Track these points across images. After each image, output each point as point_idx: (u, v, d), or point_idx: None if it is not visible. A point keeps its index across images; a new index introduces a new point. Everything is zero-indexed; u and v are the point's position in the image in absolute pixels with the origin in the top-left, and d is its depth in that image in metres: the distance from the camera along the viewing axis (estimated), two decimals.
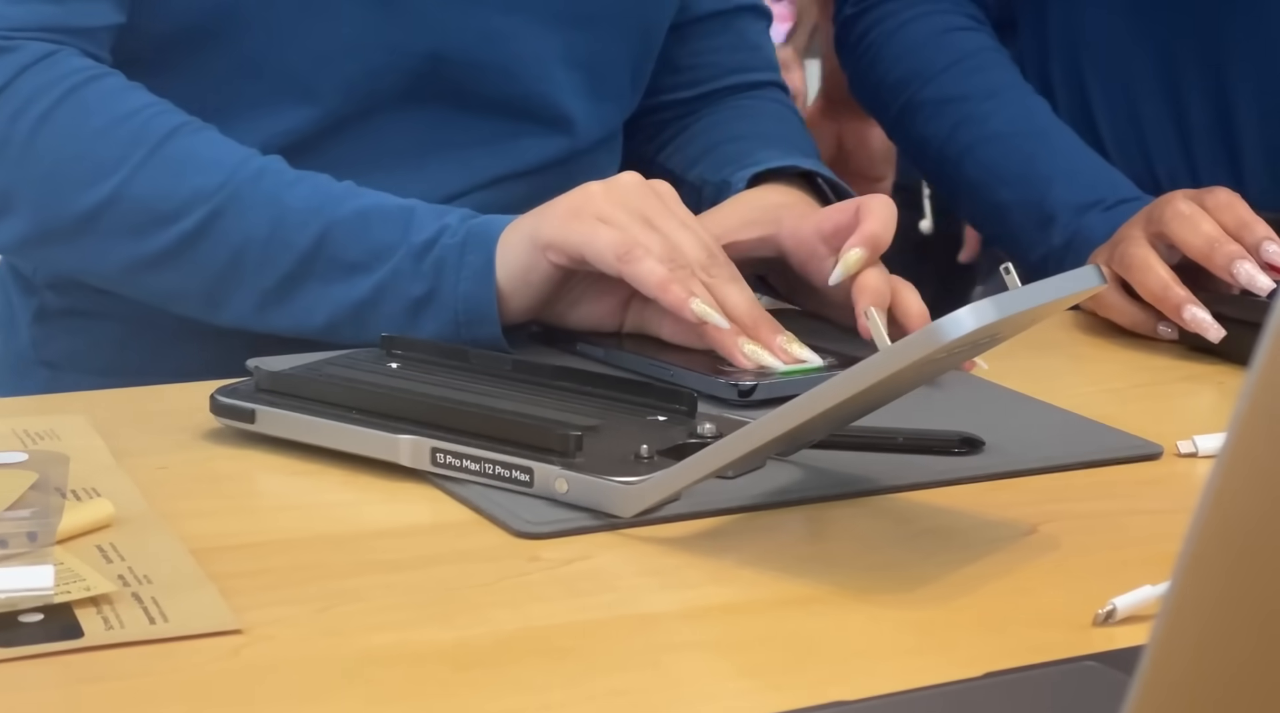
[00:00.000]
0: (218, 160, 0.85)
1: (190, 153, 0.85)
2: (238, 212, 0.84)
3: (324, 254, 0.84)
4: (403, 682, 0.53)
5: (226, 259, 0.84)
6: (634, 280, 0.80)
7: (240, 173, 0.84)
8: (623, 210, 0.82)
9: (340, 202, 0.85)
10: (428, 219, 0.85)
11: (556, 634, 0.57)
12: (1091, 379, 0.91)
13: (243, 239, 0.84)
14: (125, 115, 0.85)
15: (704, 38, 1.10)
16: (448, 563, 0.63)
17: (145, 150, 0.84)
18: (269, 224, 0.84)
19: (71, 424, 0.75)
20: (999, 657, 0.55)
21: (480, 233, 0.84)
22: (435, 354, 0.80)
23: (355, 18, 0.92)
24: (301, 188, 0.85)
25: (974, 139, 1.13)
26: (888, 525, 0.68)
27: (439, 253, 0.84)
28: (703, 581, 0.62)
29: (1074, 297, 0.67)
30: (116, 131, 0.85)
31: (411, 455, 0.70)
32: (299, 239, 0.84)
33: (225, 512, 0.68)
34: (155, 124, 0.85)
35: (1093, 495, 0.72)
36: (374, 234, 0.84)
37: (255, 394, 0.74)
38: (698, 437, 0.71)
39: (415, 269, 0.84)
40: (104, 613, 0.56)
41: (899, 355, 0.59)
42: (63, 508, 0.62)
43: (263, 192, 0.84)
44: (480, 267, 0.83)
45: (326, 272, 0.84)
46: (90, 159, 0.85)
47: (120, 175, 0.84)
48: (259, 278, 0.85)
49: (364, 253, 0.84)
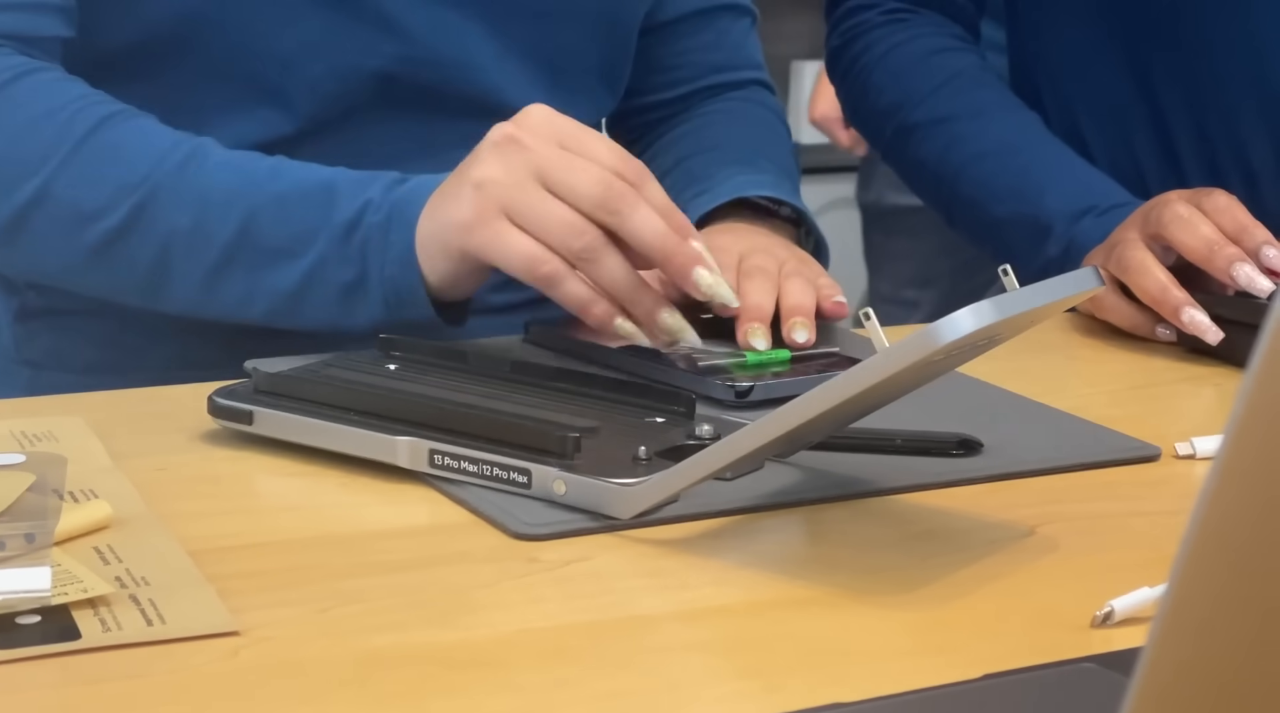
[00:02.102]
0: (142, 151, 0.83)
1: (114, 146, 0.83)
2: (160, 204, 0.82)
3: (248, 242, 0.82)
4: (401, 683, 0.53)
5: (155, 253, 0.83)
6: (559, 301, 0.79)
7: (164, 163, 0.83)
8: (521, 188, 0.78)
9: (261, 185, 0.83)
10: (350, 195, 0.83)
11: (554, 636, 0.57)
12: (1090, 381, 0.91)
13: (168, 232, 0.83)
14: (52, 110, 0.84)
15: (684, 37, 1.10)
16: (446, 564, 0.63)
17: (70, 146, 0.83)
18: (191, 214, 0.82)
19: (69, 426, 0.75)
20: (997, 658, 0.55)
21: (402, 210, 0.82)
22: (433, 355, 0.80)
23: (317, 21, 0.92)
24: (223, 173, 0.83)
25: (966, 158, 1.14)
26: (886, 527, 0.68)
27: (364, 233, 0.82)
28: (701, 582, 0.62)
29: (1072, 298, 0.67)
30: (42, 127, 0.83)
31: (409, 457, 0.70)
32: (221, 229, 0.82)
33: (223, 513, 0.68)
34: (81, 117, 0.84)
35: (1091, 497, 0.72)
36: (295, 218, 0.82)
37: (253, 396, 0.74)
38: (696, 438, 0.71)
39: (341, 253, 0.82)
40: (101, 615, 0.56)
41: (897, 357, 0.59)
42: (60, 510, 0.62)
43: (185, 181, 0.83)
44: (403, 248, 0.81)
45: (253, 260, 0.82)
46: (16, 157, 0.84)
47: (45, 173, 0.83)
48: (189, 270, 0.83)
49: (287, 238, 0.82)
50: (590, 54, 1.02)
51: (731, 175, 0.99)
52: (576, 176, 0.78)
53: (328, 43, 0.93)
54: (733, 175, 0.99)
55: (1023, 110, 1.16)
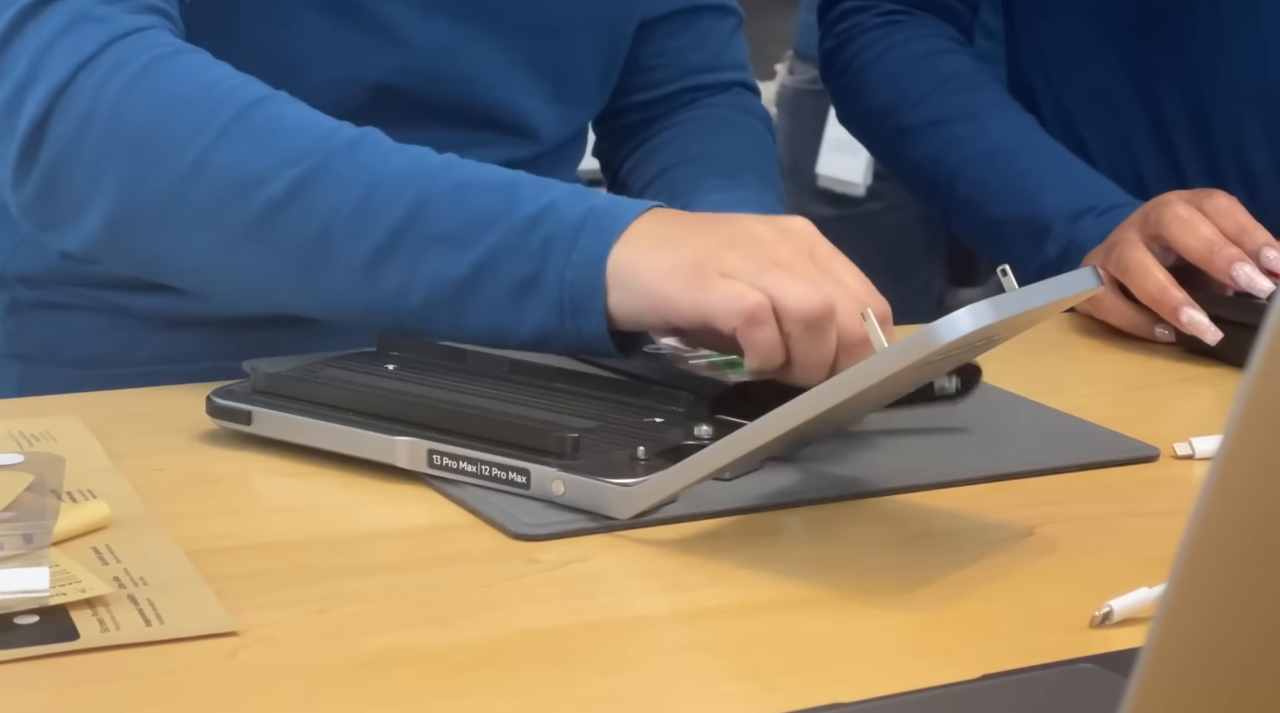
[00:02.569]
0: (308, 126, 0.79)
1: (279, 118, 0.79)
2: (327, 178, 0.77)
3: (416, 227, 0.77)
4: (399, 684, 0.53)
5: (316, 231, 0.78)
6: (748, 344, 0.72)
7: (332, 139, 0.79)
8: (750, 270, 0.73)
9: (438, 172, 0.78)
10: (534, 191, 0.77)
11: (553, 636, 0.57)
12: (1089, 381, 0.91)
13: (331, 208, 0.77)
14: (210, 83, 0.80)
15: (667, 37, 1.10)
16: (444, 565, 0.63)
17: (230, 115, 0.78)
18: (360, 193, 0.77)
19: (68, 426, 0.75)
20: (996, 659, 0.55)
21: (599, 219, 0.76)
22: (432, 355, 0.80)
23: (320, 29, 0.91)
24: (398, 157, 0.79)
25: (962, 159, 1.14)
26: (885, 527, 0.68)
27: (549, 231, 0.76)
28: (700, 582, 0.62)
29: (1071, 298, 0.67)
30: (201, 99, 0.79)
31: (408, 457, 0.70)
32: (390, 210, 0.77)
33: (222, 514, 0.67)
34: (242, 92, 0.80)
35: (1090, 498, 0.72)
36: (472, 205, 0.77)
37: (252, 396, 0.74)
38: (695, 439, 0.71)
39: (520, 246, 0.76)
40: (100, 615, 0.56)
41: (896, 358, 0.59)
42: (59, 510, 0.62)
43: (355, 159, 0.78)
44: (594, 254, 0.75)
45: (420, 246, 0.77)
46: (173, 128, 0.79)
47: (204, 141, 0.78)
48: (351, 251, 0.78)
49: (461, 225, 0.77)
50: (592, 64, 1.02)
51: (711, 191, 0.99)
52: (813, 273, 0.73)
53: (330, 51, 0.92)
54: (712, 191, 0.99)
55: (1019, 111, 1.16)
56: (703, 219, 0.77)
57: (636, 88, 1.10)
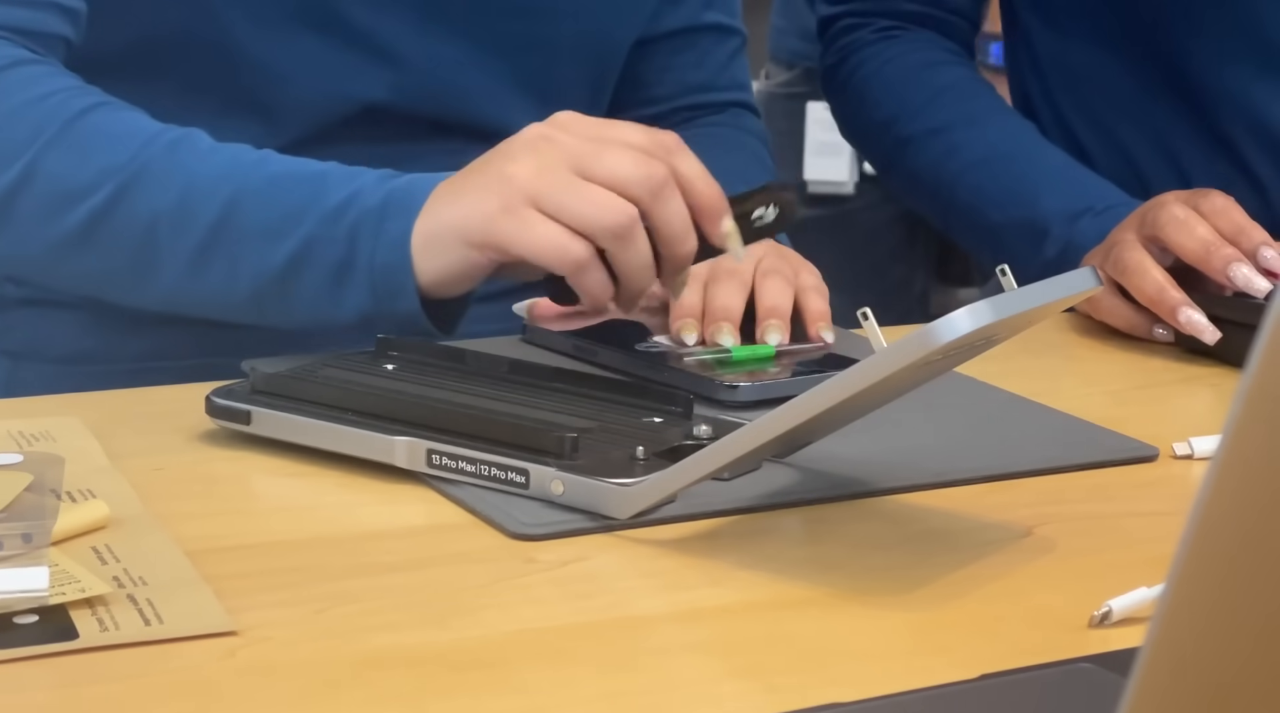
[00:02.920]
0: (129, 134, 0.83)
1: (102, 129, 0.83)
2: (146, 184, 0.81)
3: (234, 222, 0.81)
4: (398, 684, 0.53)
5: (140, 234, 0.82)
6: (580, 287, 0.78)
7: (152, 146, 0.82)
8: (554, 176, 0.77)
9: (252, 168, 0.82)
10: (341, 181, 0.81)
11: (552, 636, 0.57)
12: (1088, 381, 0.91)
13: (152, 212, 0.81)
14: (41, 97, 0.83)
15: (668, 55, 1.10)
16: (443, 565, 0.63)
17: (56, 128, 0.82)
18: (178, 195, 0.81)
19: (67, 426, 0.75)
20: (995, 658, 0.55)
21: (401, 199, 0.80)
22: (431, 356, 0.80)
23: (311, 46, 0.92)
24: (215, 157, 0.82)
25: (961, 166, 1.14)
26: (884, 527, 0.68)
27: (355, 216, 0.80)
28: (698, 582, 0.62)
29: (1070, 299, 0.67)
30: (29, 112, 0.83)
31: (407, 457, 0.70)
32: (207, 208, 0.81)
33: (221, 513, 0.67)
34: (71, 103, 0.83)
35: (1089, 497, 0.72)
36: (284, 198, 0.81)
37: (250, 396, 0.74)
38: (693, 438, 0.71)
39: (329, 233, 0.80)
40: (99, 615, 0.56)
41: (895, 358, 0.59)
42: (58, 509, 0.62)
43: (174, 163, 0.82)
44: (398, 235, 0.79)
45: (239, 239, 0.81)
46: (2, 140, 0.83)
47: (31, 153, 0.82)
48: (175, 250, 0.82)
49: (275, 218, 0.81)
50: (582, 81, 1.04)
51: None
52: (613, 158, 0.77)
53: (320, 68, 0.93)
54: None
55: (1017, 117, 1.16)
56: (486, 155, 0.80)
57: (634, 103, 1.10)
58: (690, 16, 1.10)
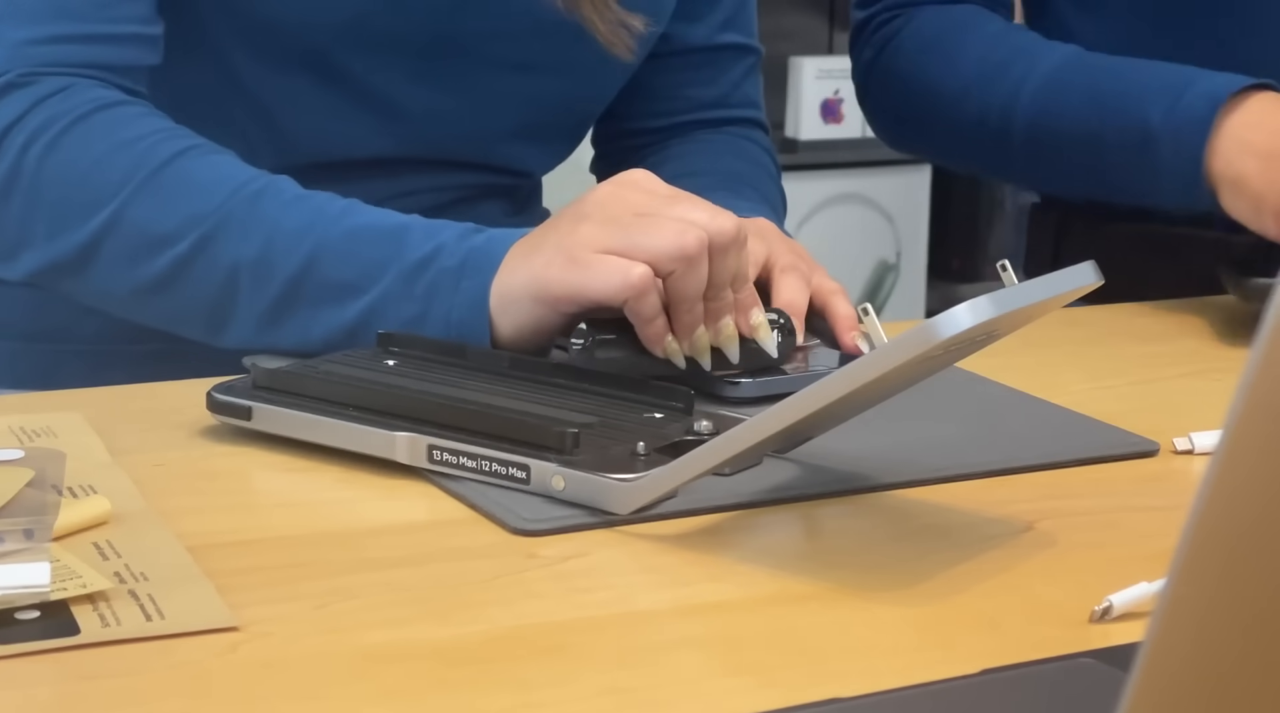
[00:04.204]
0: (216, 183, 0.84)
1: (189, 176, 0.84)
2: (229, 235, 0.82)
3: (313, 276, 0.82)
4: (399, 679, 0.53)
5: (220, 283, 0.83)
6: (632, 314, 0.78)
7: (237, 195, 0.83)
8: (619, 222, 0.78)
9: (334, 221, 0.83)
10: (422, 237, 0.82)
11: (553, 632, 0.57)
12: (1089, 376, 0.91)
13: (233, 262, 0.82)
14: (128, 141, 0.85)
15: (684, 70, 1.10)
16: (444, 560, 0.63)
17: (144, 175, 0.84)
18: (259, 246, 0.82)
19: (68, 421, 0.75)
20: (996, 654, 0.55)
21: (479, 260, 0.81)
22: (432, 351, 0.80)
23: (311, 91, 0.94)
24: (298, 208, 0.83)
25: (1034, 92, 1.08)
26: (884, 523, 0.68)
27: (433, 276, 0.81)
28: (699, 578, 0.62)
29: (1071, 293, 0.67)
30: (117, 158, 0.84)
31: (408, 453, 0.70)
32: (288, 261, 0.82)
33: (222, 509, 0.68)
34: (158, 149, 0.84)
35: (1090, 492, 0.72)
36: (364, 254, 0.82)
37: (252, 391, 0.74)
38: (694, 434, 0.71)
39: (406, 291, 0.81)
40: (100, 610, 0.56)
41: (896, 353, 0.59)
42: (59, 505, 0.62)
43: (257, 214, 0.83)
44: (476, 294, 0.80)
45: (317, 294, 0.82)
46: (90, 187, 0.84)
47: (119, 200, 0.83)
48: (253, 301, 0.83)
49: (354, 274, 0.82)
50: (580, 117, 1.06)
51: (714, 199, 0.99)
52: (685, 205, 0.78)
53: (320, 113, 0.95)
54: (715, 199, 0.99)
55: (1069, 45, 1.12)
56: (557, 214, 0.81)
57: (643, 114, 1.10)
58: (708, 36, 1.09)
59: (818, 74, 2.80)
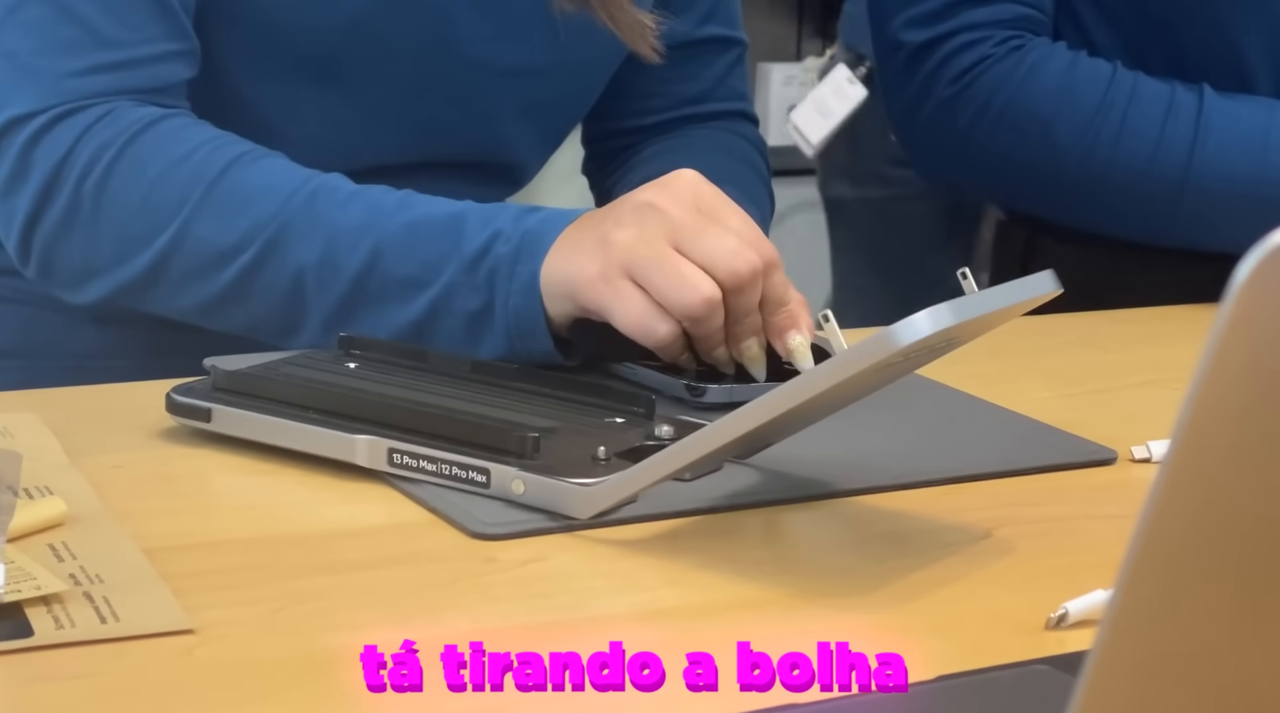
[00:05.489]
0: (271, 190, 0.84)
1: (244, 186, 0.85)
2: (291, 240, 0.83)
3: (377, 273, 0.83)
4: (356, 683, 0.53)
5: (287, 288, 0.84)
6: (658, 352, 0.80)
7: (293, 200, 0.84)
8: (650, 248, 0.78)
9: (389, 217, 0.83)
10: (479, 225, 0.83)
11: (511, 636, 0.57)
12: (1047, 385, 0.91)
13: (298, 267, 0.83)
14: (180, 158, 0.85)
15: (667, 66, 1.10)
16: (403, 564, 0.63)
17: (201, 191, 0.84)
18: (321, 249, 0.83)
19: (25, 422, 0.75)
20: (952, 660, 0.56)
21: (530, 243, 0.81)
22: (393, 355, 0.80)
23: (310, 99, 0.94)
24: (353, 206, 0.84)
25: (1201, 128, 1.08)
26: (844, 529, 0.68)
27: (492, 263, 0.81)
28: (658, 583, 0.62)
29: (1030, 302, 0.67)
30: (173, 176, 0.85)
31: (368, 456, 0.70)
32: (351, 261, 0.83)
33: (180, 511, 0.67)
34: (212, 160, 0.85)
35: (1048, 500, 0.73)
36: (424, 248, 0.83)
37: (211, 393, 0.74)
38: (655, 439, 0.71)
39: (469, 281, 0.82)
40: (54, 612, 0.55)
41: (855, 359, 0.60)
42: (14, 506, 0.62)
43: (314, 216, 0.84)
44: (529, 279, 0.81)
45: (382, 291, 0.83)
46: (150, 210, 0.85)
47: (181, 218, 0.84)
48: (321, 303, 0.84)
49: (417, 268, 0.82)
50: (570, 102, 1.06)
51: None
52: (712, 241, 0.78)
53: (330, 134, 0.95)
54: None
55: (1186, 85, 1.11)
56: (604, 209, 0.82)
57: (631, 113, 1.10)
58: (689, 30, 1.09)
59: (785, 80, 2.81)
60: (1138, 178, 1.10)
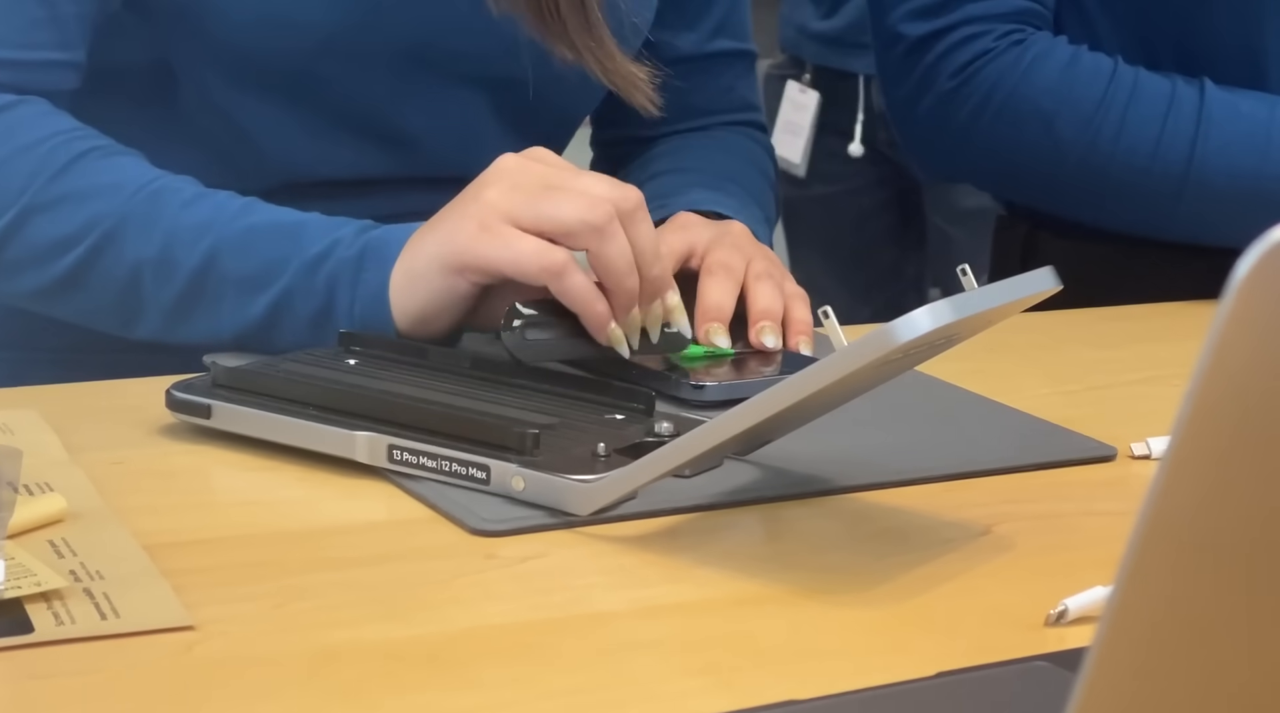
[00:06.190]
0: (117, 185, 0.84)
1: (90, 178, 0.85)
2: (130, 234, 0.83)
3: (215, 272, 0.83)
4: (356, 679, 0.53)
5: (124, 281, 0.84)
6: (561, 295, 0.78)
7: (138, 195, 0.84)
8: (528, 192, 0.79)
9: (232, 219, 0.84)
10: (320, 232, 0.83)
11: (511, 632, 0.57)
12: (1047, 381, 0.92)
13: (135, 260, 0.83)
14: (33, 143, 0.85)
15: (676, 79, 1.10)
16: (403, 560, 0.63)
17: (47, 177, 0.84)
18: (159, 244, 0.83)
19: (25, 418, 0.75)
20: (951, 657, 0.56)
21: (377, 249, 0.82)
22: (393, 351, 0.80)
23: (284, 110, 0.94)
24: (197, 207, 0.84)
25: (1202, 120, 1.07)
26: (843, 526, 0.68)
27: (332, 267, 0.82)
28: (658, 579, 0.62)
29: (1030, 298, 0.67)
30: (21, 160, 0.85)
31: (368, 452, 0.70)
32: (189, 258, 0.83)
33: (180, 508, 0.67)
34: (62, 150, 0.85)
35: (1047, 497, 0.73)
36: (263, 250, 0.83)
37: (211, 389, 0.74)
38: (655, 436, 0.71)
39: (308, 285, 0.82)
40: (55, 609, 0.55)
41: (855, 356, 0.60)
42: (14, 503, 0.62)
43: (156, 212, 0.84)
44: (376, 287, 0.81)
45: (220, 289, 0.83)
46: None
47: (22, 203, 0.84)
48: (158, 297, 0.84)
49: (255, 268, 0.83)
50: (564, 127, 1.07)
51: (695, 197, 0.99)
52: (587, 179, 0.79)
53: (309, 146, 0.95)
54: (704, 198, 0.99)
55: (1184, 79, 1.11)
56: (458, 196, 0.83)
57: (638, 123, 1.10)
58: (699, 44, 1.09)
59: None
60: (1139, 173, 1.10)
